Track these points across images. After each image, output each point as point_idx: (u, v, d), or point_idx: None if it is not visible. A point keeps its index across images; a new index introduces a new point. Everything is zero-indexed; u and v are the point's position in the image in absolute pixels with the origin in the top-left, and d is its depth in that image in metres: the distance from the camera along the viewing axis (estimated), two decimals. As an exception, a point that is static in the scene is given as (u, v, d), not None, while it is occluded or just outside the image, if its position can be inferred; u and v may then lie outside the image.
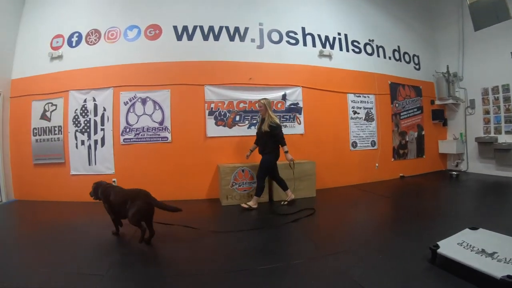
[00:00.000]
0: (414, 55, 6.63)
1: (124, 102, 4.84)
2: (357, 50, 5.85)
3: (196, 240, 2.93)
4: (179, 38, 5.04)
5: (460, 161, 6.71)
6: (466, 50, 6.54)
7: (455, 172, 6.04)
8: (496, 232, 2.37)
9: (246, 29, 5.18)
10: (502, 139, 5.81)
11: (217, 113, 4.83)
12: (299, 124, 5.19)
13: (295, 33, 5.40)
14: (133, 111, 4.83)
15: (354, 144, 5.63)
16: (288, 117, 5.13)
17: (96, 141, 4.93)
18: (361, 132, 5.69)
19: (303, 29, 5.45)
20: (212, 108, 4.81)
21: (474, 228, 2.45)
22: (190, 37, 5.05)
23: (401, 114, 6.20)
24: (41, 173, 5.24)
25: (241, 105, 4.93)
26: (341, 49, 5.70)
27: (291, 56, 5.30)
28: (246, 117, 4.96)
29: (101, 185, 3.15)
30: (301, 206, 4.02)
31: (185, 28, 5.05)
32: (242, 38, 5.17)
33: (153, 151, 4.85)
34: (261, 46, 5.21)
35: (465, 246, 2.16)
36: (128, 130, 4.83)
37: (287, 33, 5.35)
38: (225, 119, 4.87)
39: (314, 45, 5.49)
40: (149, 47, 5.01)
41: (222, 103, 4.85)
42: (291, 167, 4.27)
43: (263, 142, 4.08)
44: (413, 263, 2.18)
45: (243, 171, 4.38)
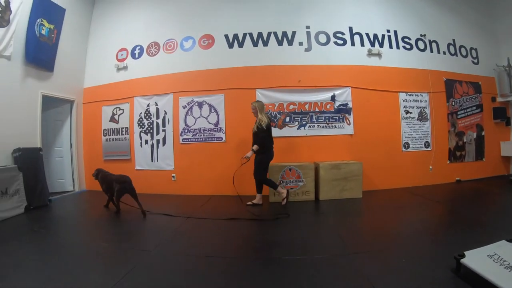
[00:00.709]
0: (471, 48, 6.20)
1: (183, 106, 5.39)
2: (408, 46, 5.69)
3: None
4: (230, 45, 5.46)
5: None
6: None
7: (519, 178, 5.54)
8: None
9: (294, 33, 5.39)
10: None
11: (268, 114, 5.01)
12: (349, 125, 5.22)
13: (343, 33, 5.44)
14: (190, 114, 5.36)
15: (406, 145, 5.50)
16: (337, 117, 5.19)
17: (158, 141, 5.57)
18: (414, 132, 5.53)
19: (350, 29, 5.47)
20: None
21: (512, 241, 2.21)
22: (240, 44, 5.43)
23: (458, 113, 5.88)
24: (109, 167, 5.94)
25: (291, 106, 5.14)
26: (390, 46, 5.60)
27: (339, 57, 5.37)
28: (296, 118, 5.16)
29: (101, 171, 4.55)
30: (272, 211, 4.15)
31: (235, 36, 5.45)
32: (290, 42, 5.39)
33: (209, 150, 5.33)
34: (309, 49, 5.38)
35: (496, 259, 1.97)
36: (186, 131, 5.37)
37: (334, 34, 5.43)
38: (275, 120, 5.13)
39: (362, 44, 5.47)
40: (203, 55, 5.51)
41: (272, 105, 5.13)
42: (241, 163, 4.40)
43: (254, 142, 4.30)
44: (436, 271, 2.11)
45: (290, 170, 4.62)
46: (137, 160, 5.73)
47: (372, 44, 5.50)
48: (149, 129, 5.62)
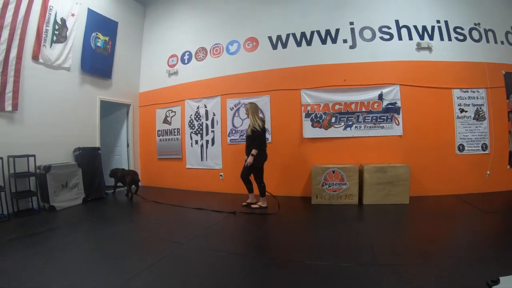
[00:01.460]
0: (534, 36, 5.63)
1: (230, 108, 5.78)
2: (460, 37, 5.26)
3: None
4: (274, 47, 5.67)
5: None
6: None
7: None
8: None
9: (337, 30, 5.34)
10: None
11: (313, 115, 5.22)
12: (397, 125, 5.02)
13: (389, 27, 5.21)
14: (237, 115, 5.72)
15: (461, 147, 5.08)
16: (385, 117, 5.03)
17: (207, 141, 6.05)
18: (470, 133, 5.10)
19: (396, 22, 5.23)
20: (308, 110, 5.23)
21: None
22: (284, 45, 5.61)
23: (521, 110, 5.38)
24: (163, 165, 6.70)
25: (337, 106, 5.15)
26: (441, 38, 5.23)
27: (386, 53, 5.16)
28: (341, 118, 5.15)
29: (117, 169, 5.87)
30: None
31: (279, 37, 5.64)
32: (333, 40, 5.35)
33: None
34: (353, 46, 5.28)
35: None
36: (233, 131, 5.75)
37: (380, 28, 5.22)
38: (321, 121, 5.20)
39: (410, 38, 5.16)
40: (248, 58, 5.81)
41: (318, 105, 5.21)
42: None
43: (248, 144, 4.38)
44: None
45: (333, 172, 4.61)
46: (188, 159, 6.28)
47: (421, 37, 5.18)
48: (199, 130, 6.11)
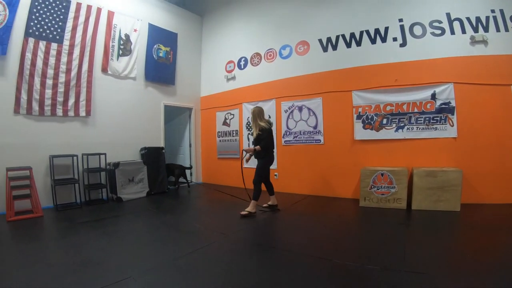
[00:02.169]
0: None
1: (285, 110, 6.33)
2: None
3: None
4: (324, 49, 5.97)
5: None
6: None
7: None
8: None
9: (386, 28, 5.33)
10: None
11: (364, 116, 5.35)
12: (452, 127, 4.81)
13: (440, 21, 4.99)
14: (291, 117, 6.25)
15: None
16: (438, 118, 4.87)
17: (263, 142, 6.70)
18: None
19: (448, 15, 4.94)
20: (359, 112, 5.39)
21: None
22: (334, 47, 5.86)
23: None
24: (222, 164, 7.56)
25: (388, 107, 5.17)
26: (497, 29, 4.81)
27: (437, 49, 4.99)
28: (393, 120, 5.15)
29: (168, 164, 6.90)
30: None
31: (329, 40, 5.91)
32: (383, 39, 5.36)
33: (308, 151, 6.06)
34: (403, 44, 5.21)
35: None
36: (288, 133, 6.30)
37: (430, 23, 5.04)
38: (372, 122, 5.30)
39: (463, 31, 4.86)
40: (300, 61, 6.24)
41: (369, 107, 5.33)
42: (243, 155, 4.74)
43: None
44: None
45: (382, 175, 4.67)
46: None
47: (475, 30, 4.85)
48: (255, 131, 6.81)
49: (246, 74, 7.04)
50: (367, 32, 5.55)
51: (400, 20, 5.28)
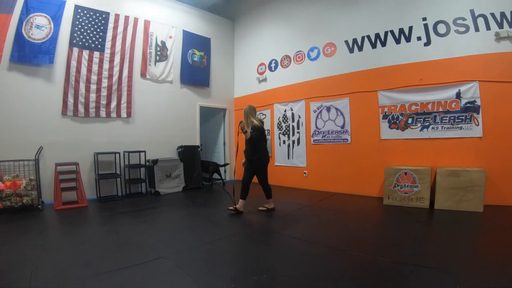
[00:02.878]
0: None
1: (313, 111, 6.79)
2: None
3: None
4: (351, 50, 6.27)
5: None
6: None
7: None
8: None
9: (410, 28, 5.42)
10: None
11: (390, 116, 5.55)
12: (477, 126, 4.79)
13: (463, 18, 4.97)
14: (320, 117, 6.69)
15: None
16: (463, 117, 4.89)
17: (293, 141, 7.22)
18: None
19: (471, 11, 4.90)
20: (385, 112, 5.60)
21: None
22: (360, 48, 6.12)
23: None
24: (255, 161, 8.14)
25: (413, 107, 5.30)
26: None
27: (462, 47, 4.99)
28: (418, 119, 5.26)
29: (203, 161, 7.48)
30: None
31: (354, 41, 6.19)
32: (407, 39, 5.46)
33: (336, 150, 6.41)
34: (428, 43, 5.27)
35: None
36: (316, 133, 6.77)
37: (454, 21, 5.04)
38: (397, 122, 5.46)
39: (488, 28, 4.78)
40: (327, 62, 6.61)
41: (394, 106, 5.50)
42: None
43: (247, 147, 4.58)
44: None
45: (405, 173, 4.80)
46: (276, 157, 7.57)
47: (500, 26, 4.71)
48: (286, 131, 7.35)
49: (277, 76, 7.56)
50: (392, 32, 5.68)
51: (424, 19, 5.34)
